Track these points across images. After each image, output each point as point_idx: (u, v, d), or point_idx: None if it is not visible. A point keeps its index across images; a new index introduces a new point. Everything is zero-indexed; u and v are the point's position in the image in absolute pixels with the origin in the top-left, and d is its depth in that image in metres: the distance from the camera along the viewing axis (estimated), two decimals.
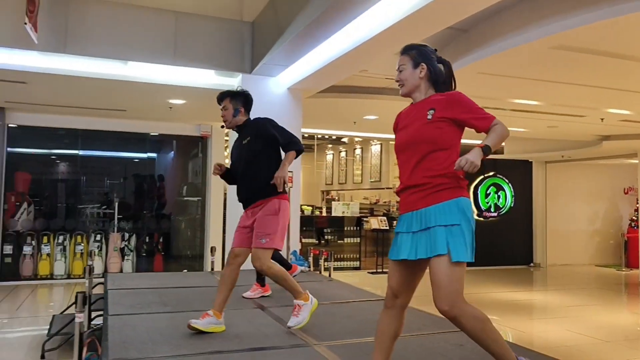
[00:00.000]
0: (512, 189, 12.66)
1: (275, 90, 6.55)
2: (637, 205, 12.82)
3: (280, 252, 4.76)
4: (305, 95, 6.83)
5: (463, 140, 2.36)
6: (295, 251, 6.68)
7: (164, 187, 10.73)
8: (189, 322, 3.13)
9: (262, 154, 3.40)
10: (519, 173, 12.84)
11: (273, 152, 3.47)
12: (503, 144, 12.21)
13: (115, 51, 5.88)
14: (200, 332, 3.11)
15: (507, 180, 12.63)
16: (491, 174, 12.48)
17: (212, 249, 6.37)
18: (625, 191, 13.64)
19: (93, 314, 4.35)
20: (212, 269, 6.29)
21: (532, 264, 12.83)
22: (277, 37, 5.40)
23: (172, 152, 11.36)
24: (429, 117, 2.23)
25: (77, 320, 2.99)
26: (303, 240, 10.48)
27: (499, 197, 12.54)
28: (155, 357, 2.68)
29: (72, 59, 5.82)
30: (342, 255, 11.29)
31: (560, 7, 3.81)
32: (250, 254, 3.35)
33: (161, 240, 10.01)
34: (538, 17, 4.02)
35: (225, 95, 3.58)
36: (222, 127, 3.67)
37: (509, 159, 12.37)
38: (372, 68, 6.32)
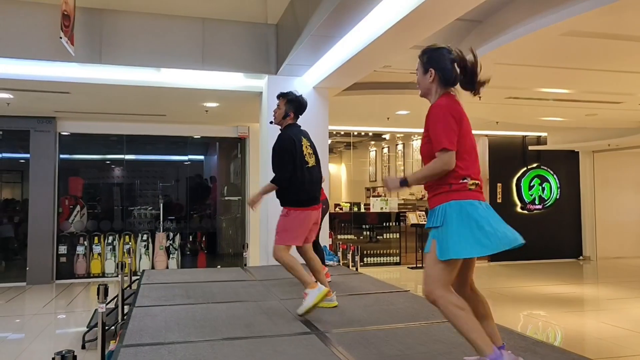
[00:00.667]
0: (557, 181, 12.28)
1: (300, 90, 6.59)
2: None
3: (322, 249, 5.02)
4: (331, 94, 6.94)
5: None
6: (325, 246, 6.82)
7: (215, 188, 11.15)
8: (297, 311, 3.50)
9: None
10: (565, 164, 12.41)
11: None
12: (545, 134, 11.86)
13: (147, 59, 6.21)
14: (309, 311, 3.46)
15: (551, 172, 12.26)
16: (535, 165, 12.16)
17: (245, 245, 6.60)
18: None
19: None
20: (245, 264, 6.52)
21: (581, 257, 12.38)
22: (297, 37, 5.55)
23: (216, 154, 11.77)
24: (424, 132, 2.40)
25: (99, 310, 3.25)
26: (341, 236, 10.63)
27: (543, 189, 12.20)
28: (165, 343, 2.89)
29: (107, 68, 6.21)
30: (382, 251, 11.32)
31: None
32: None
33: (204, 238, 10.42)
34: (546, 5, 3.96)
35: (282, 96, 3.93)
36: (271, 122, 4.01)
37: (554, 149, 11.99)
38: (395, 64, 6.36)
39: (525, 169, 12.12)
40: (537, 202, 12.11)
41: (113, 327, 4.36)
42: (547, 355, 2.71)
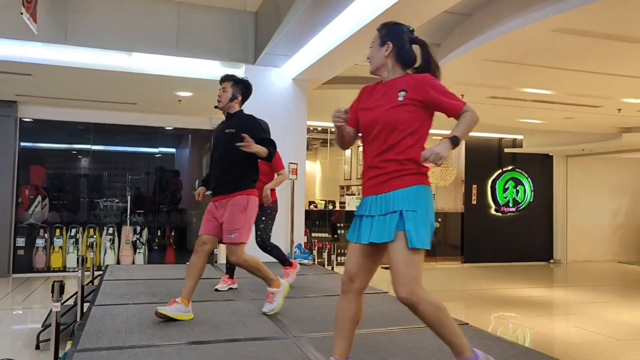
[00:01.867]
0: (531, 184, 12.34)
1: (279, 81, 6.46)
2: None
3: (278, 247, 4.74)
4: (311, 87, 6.73)
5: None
6: (300, 244, 6.60)
7: (180, 182, 10.78)
8: (156, 309, 3.15)
9: (240, 150, 3.31)
10: (539, 167, 12.48)
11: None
12: (521, 137, 11.90)
13: (118, 42, 5.87)
14: (169, 320, 3.14)
15: (526, 175, 12.31)
16: (510, 168, 12.19)
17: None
18: None
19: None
20: (215, 262, 6.25)
21: (552, 260, 12.47)
22: (277, 26, 5.31)
23: (188, 146, 11.41)
24: (400, 98, 2.14)
25: (54, 309, 2.95)
26: (315, 234, 10.42)
27: (517, 191, 12.24)
28: (124, 347, 2.62)
29: (74, 50, 5.83)
30: None
31: None
32: (214, 242, 3.47)
33: (173, 233, 10.06)
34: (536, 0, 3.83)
35: (228, 78, 3.60)
36: (215, 107, 3.68)
37: (529, 152, 12.03)
38: None
39: (500, 171, 12.13)
40: (511, 204, 12.14)
41: (71, 326, 4.05)
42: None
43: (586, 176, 12.42)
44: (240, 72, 6.59)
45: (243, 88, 3.58)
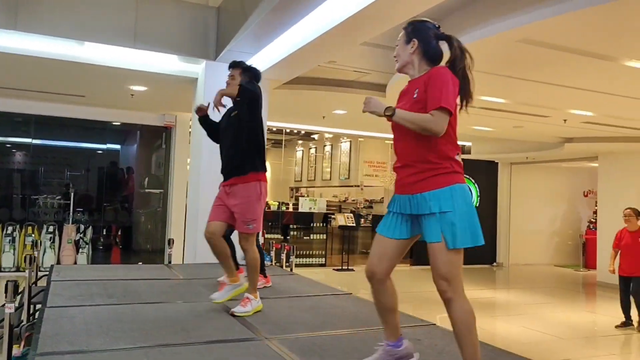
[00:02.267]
0: (477, 189, 12.77)
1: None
2: (596, 207, 13.06)
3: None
4: (272, 86, 6.64)
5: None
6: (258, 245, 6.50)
7: (133, 179, 10.40)
8: (231, 311, 3.25)
9: (245, 133, 3.37)
10: (485, 173, 12.95)
11: (254, 129, 3.42)
12: (470, 143, 12.28)
13: (71, 30, 5.56)
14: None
15: (473, 180, 12.72)
16: None
17: (170, 241, 6.13)
18: (585, 194, 13.94)
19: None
20: (170, 262, 6.05)
21: (495, 264, 12.95)
22: (242, 23, 5.20)
23: (135, 142, 11.02)
24: (415, 95, 2.16)
25: (7, 311, 2.75)
26: (267, 235, 10.31)
27: None
28: (87, 351, 2.47)
29: (23, 36, 5.49)
30: (308, 252, 11.14)
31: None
32: (224, 228, 3.46)
33: (119, 233, 9.68)
34: (506, 9, 3.95)
35: (237, 65, 3.57)
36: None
37: (476, 159, 12.45)
38: (340, 59, 6.20)
39: None
40: None
41: (17, 329, 3.79)
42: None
43: (528, 183, 12.99)
44: (200, 67, 6.43)
45: (252, 76, 3.54)
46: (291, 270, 5.79)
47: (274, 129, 11.70)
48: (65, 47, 5.79)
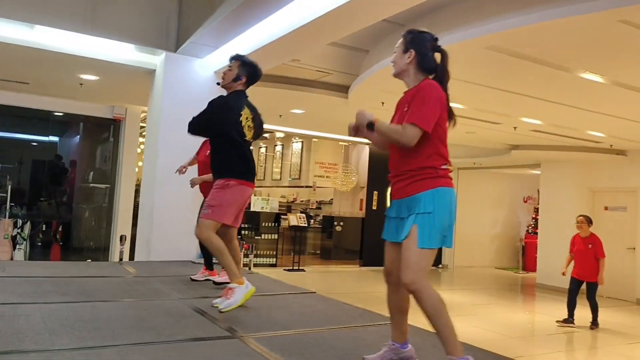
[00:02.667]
0: None
1: (200, 73, 6.17)
2: (535, 213, 13.73)
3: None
4: None
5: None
6: None
7: (74, 172, 9.89)
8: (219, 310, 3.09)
9: (219, 137, 3.39)
10: None
11: (222, 136, 3.38)
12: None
13: (20, 11, 5.23)
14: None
15: None
16: None
17: (122, 238, 5.89)
18: (525, 200, 14.62)
19: None
20: (121, 259, 5.81)
21: (440, 265, 13.31)
22: (209, 15, 5.07)
23: (78, 134, 10.51)
24: (405, 108, 2.25)
25: None
26: None
27: None
28: (54, 350, 2.31)
29: None
30: (258, 252, 11.00)
31: (499, 8, 3.88)
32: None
33: (60, 229, 9.18)
34: (477, 16, 4.07)
35: (237, 58, 3.57)
36: (218, 83, 3.61)
37: None
38: (304, 58, 6.17)
39: None
40: None
41: None
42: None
43: (474, 188, 13.44)
44: (158, 59, 6.22)
45: (250, 71, 3.50)
46: (250, 269, 5.70)
47: None
48: (13, 29, 5.43)
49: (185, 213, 6.01)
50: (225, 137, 3.34)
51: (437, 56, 2.35)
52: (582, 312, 6.98)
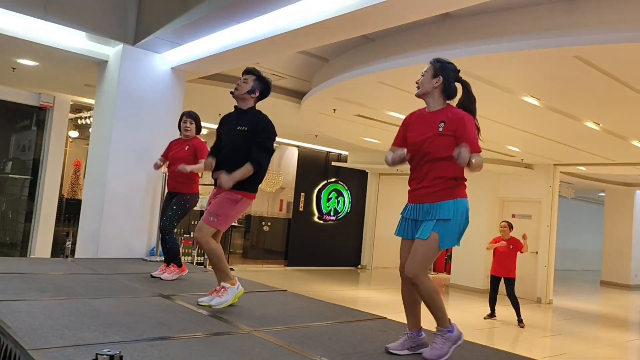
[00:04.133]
0: (350, 196, 13.63)
1: (158, 68, 6.08)
2: None
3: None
4: (188, 78, 6.47)
5: None
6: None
7: None
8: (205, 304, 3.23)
9: (249, 148, 3.39)
10: (357, 182, 13.86)
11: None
12: (347, 152, 13.07)
13: None
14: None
15: (347, 187, 13.56)
16: (333, 180, 13.29)
17: (69, 234, 5.65)
18: None
19: None
20: (67, 256, 5.58)
21: (359, 266, 13.91)
22: (179, 13, 5.04)
23: None
24: (440, 129, 2.59)
25: None
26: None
27: (338, 202, 13.40)
28: (88, 345, 2.33)
29: None
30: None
31: (468, 36, 4.36)
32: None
33: None
34: (436, 42, 4.54)
35: (253, 72, 3.64)
36: (231, 92, 3.63)
37: (350, 167, 13.28)
38: (265, 62, 6.30)
39: (325, 182, 13.13)
40: (332, 213, 13.21)
41: None
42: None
43: (393, 193, 14.18)
44: (112, 50, 6.04)
45: (263, 87, 3.58)
46: (205, 267, 5.73)
47: None
48: None
49: (136, 208, 5.91)
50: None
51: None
52: (502, 310, 7.79)
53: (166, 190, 5.06)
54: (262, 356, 2.48)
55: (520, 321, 7.69)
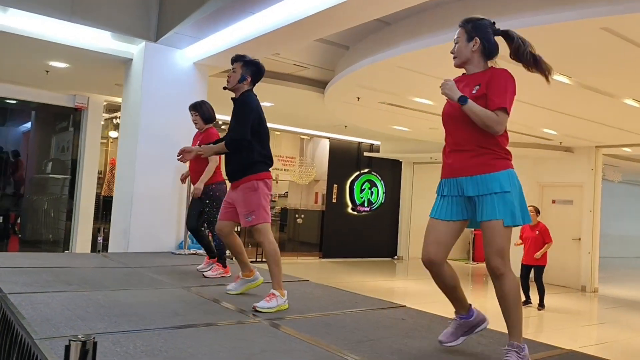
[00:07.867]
0: (384, 186, 13.49)
1: (180, 64, 6.15)
2: None
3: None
4: (210, 72, 6.52)
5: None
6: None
7: (22, 163, 9.50)
8: (253, 305, 3.10)
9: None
10: (391, 171, 13.69)
11: (253, 133, 3.30)
12: (379, 142, 12.92)
13: None
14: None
15: (380, 178, 13.42)
16: (366, 170, 13.17)
17: (100, 229, 5.80)
18: None
19: None
20: (99, 250, 5.73)
21: (396, 257, 13.76)
22: (196, 7, 5.07)
23: (29, 122, 10.10)
24: (474, 91, 2.28)
25: None
26: None
27: (372, 193, 13.28)
28: (97, 334, 2.36)
29: None
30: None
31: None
32: (233, 225, 3.49)
33: (19, 220, 8.83)
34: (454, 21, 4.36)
35: (239, 59, 3.51)
36: (224, 87, 3.55)
37: (383, 157, 13.13)
38: (285, 52, 6.27)
39: (358, 173, 13.04)
40: (366, 204, 13.11)
41: None
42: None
43: (429, 182, 13.93)
44: (136, 48, 6.14)
45: (254, 70, 3.46)
46: (232, 259, 5.76)
47: None
48: None
49: (165, 203, 6.01)
50: (257, 135, 3.33)
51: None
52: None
53: (192, 186, 5.03)
54: (271, 344, 2.45)
55: (541, 304, 7.58)
